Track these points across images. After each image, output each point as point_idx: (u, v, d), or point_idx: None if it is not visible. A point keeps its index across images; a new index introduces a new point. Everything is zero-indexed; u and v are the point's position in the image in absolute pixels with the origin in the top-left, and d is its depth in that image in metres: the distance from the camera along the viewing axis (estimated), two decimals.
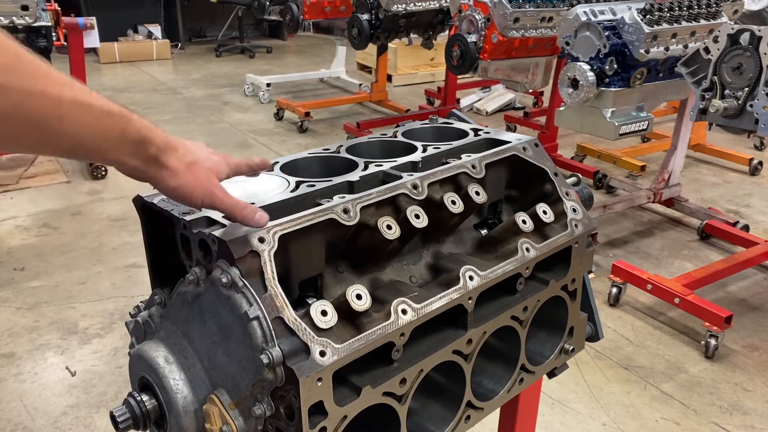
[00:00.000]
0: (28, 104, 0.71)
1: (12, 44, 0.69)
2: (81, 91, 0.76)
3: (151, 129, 0.85)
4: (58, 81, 0.74)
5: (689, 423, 2.37)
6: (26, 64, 0.70)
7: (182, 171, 0.87)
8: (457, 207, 1.07)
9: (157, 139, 0.85)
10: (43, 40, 3.79)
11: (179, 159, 0.87)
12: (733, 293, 3.20)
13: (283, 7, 4.94)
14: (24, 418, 2.36)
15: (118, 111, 0.81)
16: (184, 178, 0.87)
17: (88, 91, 0.78)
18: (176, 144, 0.88)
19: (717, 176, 4.69)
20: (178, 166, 0.87)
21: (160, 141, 0.85)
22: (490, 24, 3.34)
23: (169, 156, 0.86)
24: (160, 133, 0.86)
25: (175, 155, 0.87)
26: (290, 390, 0.85)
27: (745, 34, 2.46)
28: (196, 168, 0.89)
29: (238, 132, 5.57)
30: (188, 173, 0.87)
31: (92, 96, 0.78)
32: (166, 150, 0.86)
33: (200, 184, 0.88)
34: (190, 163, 0.88)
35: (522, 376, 1.20)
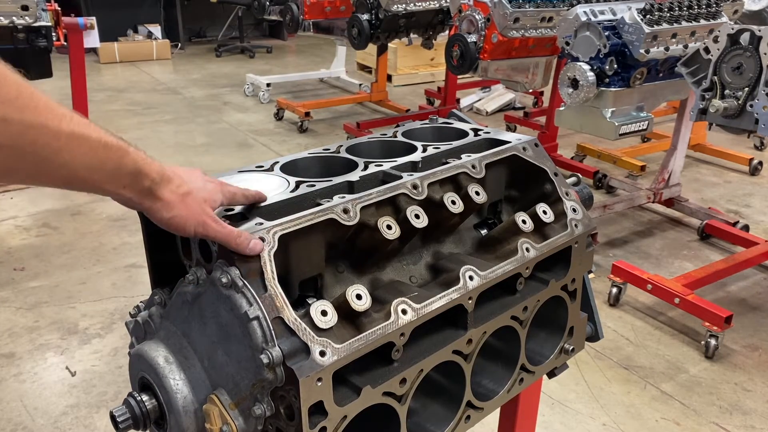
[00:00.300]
0: (28, 136, 0.72)
1: (14, 77, 0.71)
2: (79, 123, 0.77)
3: (147, 161, 0.86)
4: (58, 114, 0.75)
5: (689, 423, 2.37)
6: (27, 97, 0.72)
7: (176, 203, 0.88)
8: (457, 207, 1.07)
9: (152, 171, 0.86)
10: (43, 40, 3.79)
11: (173, 191, 0.88)
12: (733, 293, 3.20)
13: (283, 7, 4.94)
14: (24, 418, 2.36)
15: (116, 143, 0.82)
16: (178, 210, 0.88)
17: (87, 123, 0.79)
18: (170, 175, 0.89)
19: (717, 176, 4.69)
20: (172, 198, 0.88)
21: (155, 173, 0.86)
22: (490, 24, 3.34)
23: (163, 188, 0.87)
24: (155, 165, 0.87)
25: (169, 187, 0.88)
26: (290, 390, 0.85)
27: (745, 34, 2.46)
28: (190, 199, 0.90)
29: (238, 132, 5.57)
30: (181, 205, 0.89)
31: (90, 128, 0.79)
32: (161, 182, 0.87)
33: (193, 214, 0.89)
34: (184, 194, 0.89)
35: (522, 376, 1.20)
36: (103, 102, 6.38)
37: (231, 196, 0.97)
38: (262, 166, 1.16)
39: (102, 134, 0.80)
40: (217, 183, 0.97)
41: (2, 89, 0.69)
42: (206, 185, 0.94)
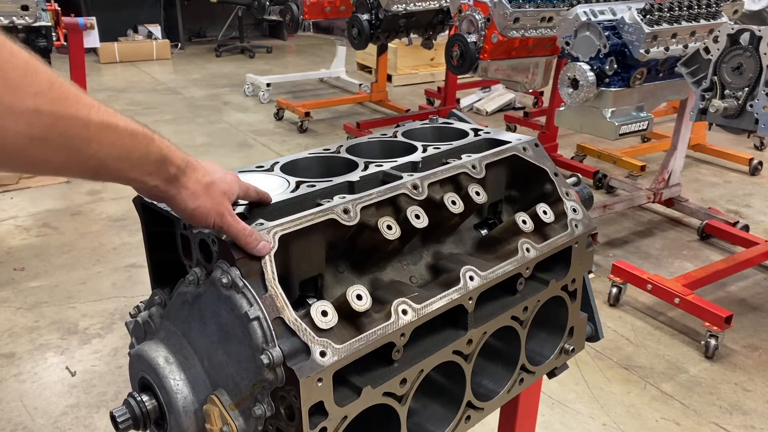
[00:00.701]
0: (59, 127, 0.72)
1: (45, 69, 0.71)
2: (107, 113, 0.78)
3: (172, 149, 0.86)
4: (86, 104, 0.75)
5: (689, 423, 2.37)
6: (58, 88, 0.72)
7: (200, 192, 0.88)
8: (457, 207, 1.07)
9: (177, 158, 0.86)
10: (43, 40, 3.79)
11: (198, 180, 0.88)
12: (733, 293, 3.20)
13: (283, 7, 4.94)
14: (24, 418, 2.36)
15: (142, 131, 0.82)
16: (202, 200, 0.88)
17: (113, 113, 0.79)
18: (195, 164, 0.89)
19: (717, 176, 4.69)
20: (197, 187, 0.88)
21: (180, 161, 0.86)
22: (490, 24, 3.34)
23: (189, 176, 0.87)
24: (180, 153, 0.87)
25: (195, 176, 0.88)
26: (290, 390, 0.85)
27: (745, 34, 2.46)
28: (213, 188, 0.89)
29: (238, 132, 5.57)
30: (206, 194, 0.88)
31: (117, 117, 0.80)
32: (186, 170, 0.87)
33: (215, 205, 0.89)
34: (208, 184, 0.89)
35: (522, 376, 1.20)
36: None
37: (245, 190, 0.97)
38: (262, 166, 1.16)
39: (129, 122, 0.81)
40: (234, 175, 0.97)
41: (35, 81, 0.69)
42: (225, 176, 0.94)
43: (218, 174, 0.93)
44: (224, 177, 0.94)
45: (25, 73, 0.68)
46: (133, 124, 0.81)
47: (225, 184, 0.92)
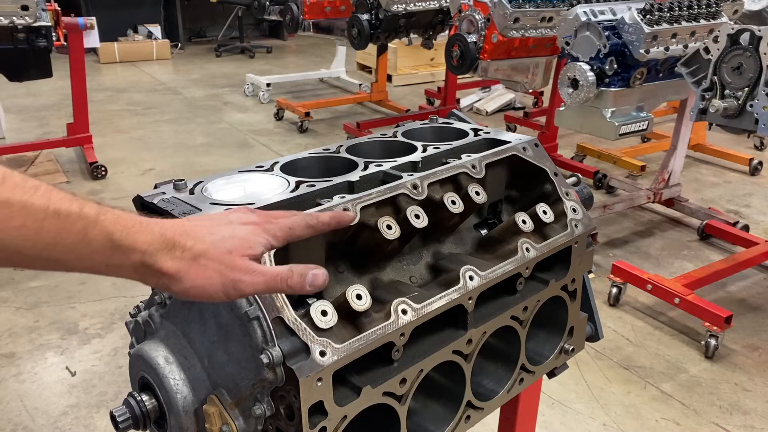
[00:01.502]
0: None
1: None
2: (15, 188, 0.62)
3: (132, 230, 0.68)
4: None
5: (689, 423, 2.37)
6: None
7: (185, 271, 0.70)
8: (457, 207, 1.07)
9: (139, 241, 0.68)
10: (43, 40, 3.79)
11: (178, 257, 0.70)
12: (733, 293, 3.20)
13: (283, 7, 4.94)
14: (24, 418, 2.36)
15: (76, 211, 0.65)
16: (190, 280, 0.71)
17: (30, 187, 0.63)
18: (175, 238, 0.70)
19: (717, 176, 4.69)
20: (179, 266, 0.70)
21: (145, 243, 0.68)
22: (490, 24, 3.34)
23: (163, 258, 0.69)
24: (147, 234, 0.69)
25: (173, 254, 0.70)
26: (290, 390, 0.85)
27: (745, 34, 2.46)
28: (205, 259, 0.71)
29: (238, 132, 5.57)
30: (193, 271, 0.70)
31: (35, 193, 0.63)
32: (156, 252, 0.69)
33: (214, 278, 0.71)
34: (194, 257, 0.71)
35: (522, 376, 1.20)
36: (103, 102, 6.38)
37: (284, 232, 0.76)
38: (262, 166, 1.16)
39: (54, 200, 0.64)
40: (261, 221, 0.76)
41: None
42: (236, 231, 0.74)
43: (219, 232, 0.73)
44: (232, 233, 0.73)
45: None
46: (63, 201, 0.65)
47: (232, 242, 0.72)
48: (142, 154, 4.99)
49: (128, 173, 4.62)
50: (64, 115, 5.58)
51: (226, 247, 0.72)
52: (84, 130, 4.66)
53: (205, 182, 1.08)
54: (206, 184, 1.07)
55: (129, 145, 5.20)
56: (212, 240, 0.72)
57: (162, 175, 4.52)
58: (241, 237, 0.73)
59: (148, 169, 4.71)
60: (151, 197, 1.01)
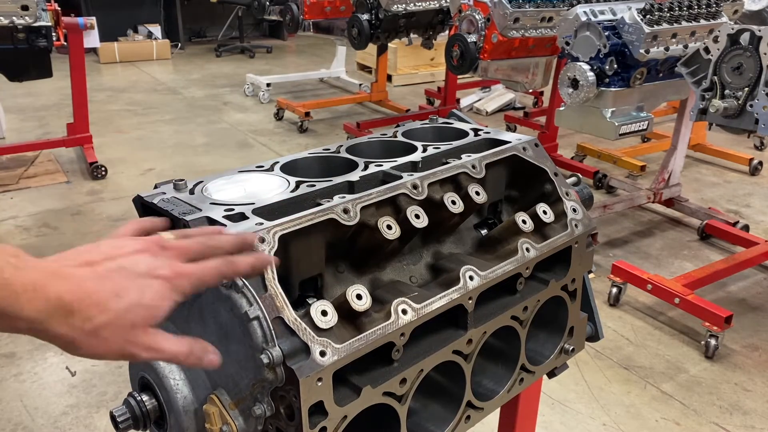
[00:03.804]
0: None
1: None
2: None
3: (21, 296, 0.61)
4: None
5: (689, 423, 2.37)
6: None
7: (82, 341, 0.65)
8: (457, 207, 1.07)
9: (28, 308, 0.61)
10: (43, 40, 3.79)
11: (77, 327, 0.64)
12: (733, 293, 3.20)
13: (283, 7, 4.94)
14: (24, 418, 2.36)
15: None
16: (87, 348, 0.65)
17: None
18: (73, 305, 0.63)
19: (717, 176, 4.69)
20: (75, 335, 0.64)
21: (35, 311, 0.62)
22: (490, 24, 3.34)
23: (55, 325, 0.63)
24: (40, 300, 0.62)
25: (69, 321, 0.63)
26: (290, 390, 0.85)
27: (745, 34, 2.46)
28: (108, 331, 0.65)
29: (238, 132, 5.57)
30: (92, 341, 0.65)
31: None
32: (50, 319, 0.63)
33: (112, 349, 0.66)
34: (95, 329, 0.65)
35: (522, 376, 1.20)
36: (103, 102, 6.38)
37: (196, 285, 0.71)
38: (262, 166, 1.15)
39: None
40: (171, 275, 0.69)
41: None
42: (144, 293, 0.67)
43: (125, 299, 0.66)
44: (140, 297, 0.67)
45: None
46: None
47: (138, 311, 0.66)
48: (142, 154, 4.99)
49: (128, 173, 4.62)
50: (64, 115, 5.58)
51: (129, 320, 0.66)
52: (84, 130, 4.66)
53: (205, 182, 1.08)
54: (206, 184, 1.07)
55: (129, 145, 5.20)
56: (116, 310, 0.66)
57: (162, 175, 4.52)
58: (147, 304, 0.67)
59: (148, 169, 4.71)
60: (151, 197, 1.01)
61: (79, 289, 0.64)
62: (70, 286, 0.64)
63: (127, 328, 0.66)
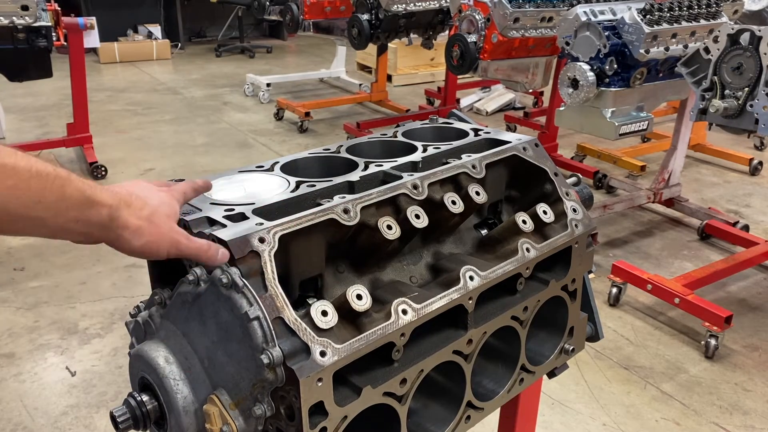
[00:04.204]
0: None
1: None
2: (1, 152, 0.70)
3: (96, 188, 0.78)
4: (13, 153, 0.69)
5: (689, 423, 2.37)
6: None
7: (145, 227, 0.81)
8: (457, 207, 1.07)
9: (106, 198, 0.78)
10: (43, 40, 3.79)
11: (137, 215, 0.81)
12: (733, 293, 3.20)
13: (283, 7, 4.94)
14: (24, 418, 2.36)
15: (52, 172, 0.74)
16: (149, 235, 0.82)
17: (12, 152, 0.71)
18: (129, 198, 0.82)
19: (717, 176, 4.69)
20: (139, 223, 0.81)
21: (110, 199, 0.79)
22: (490, 24, 3.34)
23: (126, 214, 0.80)
24: (107, 192, 0.79)
25: (131, 211, 0.81)
26: (290, 390, 0.85)
27: (745, 34, 2.46)
28: (157, 218, 0.83)
29: (238, 132, 5.57)
30: (151, 227, 0.82)
31: (17, 157, 0.71)
32: (119, 208, 0.80)
33: (164, 235, 0.83)
34: (149, 215, 0.82)
35: (522, 376, 1.20)
36: (103, 102, 6.38)
37: (182, 196, 0.93)
38: (262, 166, 1.16)
39: (34, 163, 0.72)
40: (166, 189, 0.91)
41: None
42: (161, 197, 0.87)
43: (155, 198, 0.86)
44: (161, 200, 0.87)
45: None
46: (39, 164, 0.73)
47: (166, 207, 0.86)
48: (142, 154, 4.99)
49: (128, 173, 4.62)
50: (64, 115, 5.58)
51: (165, 212, 0.85)
52: (84, 130, 4.66)
53: None
54: None
55: (129, 145, 5.20)
56: (153, 205, 0.85)
57: (162, 175, 4.52)
58: (168, 203, 0.87)
59: (148, 169, 4.71)
60: None
61: (128, 192, 0.84)
62: (122, 191, 0.83)
63: (166, 217, 0.85)
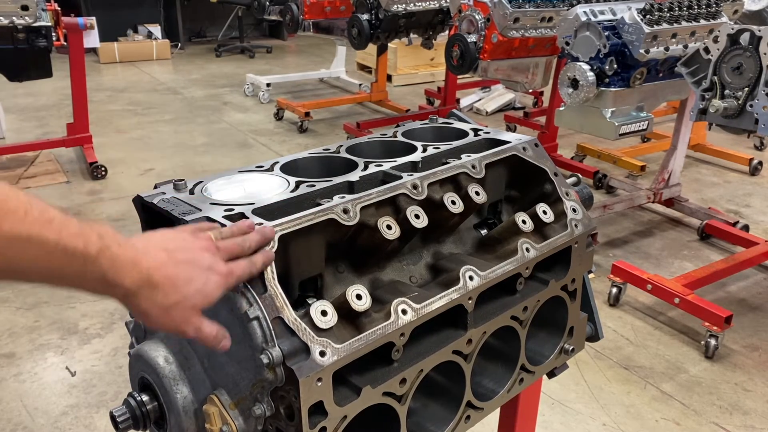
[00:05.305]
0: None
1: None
2: (33, 223, 0.69)
3: (122, 268, 0.76)
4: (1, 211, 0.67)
5: (689, 423, 2.37)
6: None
7: (158, 316, 0.80)
8: (457, 207, 1.07)
9: (128, 281, 0.77)
10: (43, 40, 3.79)
11: (157, 302, 0.79)
12: (733, 293, 3.20)
13: (283, 7, 4.93)
14: (24, 418, 2.36)
15: (79, 248, 0.72)
16: (157, 321, 0.81)
17: (42, 222, 0.70)
18: (157, 278, 0.78)
19: (717, 176, 4.69)
20: (153, 310, 0.80)
21: (132, 282, 0.77)
22: (490, 24, 3.34)
23: (143, 297, 0.78)
24: (134, 271, 0.77)
25: (153, 294, 0.79)
26: (290, 390, 0.85)
27: (745, 34, 2.46)
28: (177, 311, 0.81)
29: (238, 132, 5.57)
30: (165, 317, 0.80)
31: (51, 227, 0.70)
32: (140, 290, 0.78)
33: (171, 324, 0.82)
34: (171, 305, 0.80)
35: (522, 376, 1.20)
36: (103, 102, 6.38)
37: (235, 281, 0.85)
38: (262, 166, 1.16)
39: (63, 235, 0.71)
40: (225, 273, 0.83)
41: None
42: (208, 283, 0.82)
43: (195, 282, 0.81)
44: (205, 286, 0.81)
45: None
46: (68, 237, 0.72)
47: (199, 298, 0.81)
48: (142, 154, 4.99)
49: (128, 173, 4.62)
50: (64, 115, 5.58)
51: (192, 302, 0.81)
52: (84, 130, 4.66)
53: (205, 182, 1.08)
54: (206, 184, 1.07)
55: (129, 145, 5.20)
56: (186, 293, 0.81)
57: (162, 175, 4.52)
58: (206, 293, 0.82)
59: (148, 169, 4.71)
60: (151, 197, 1.01)
61: (163, 269, 0.80)
62: (157, 265, 0.79)
63: (189, 309, 0.81)
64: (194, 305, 0.81)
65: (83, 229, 0.74)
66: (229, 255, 0.85)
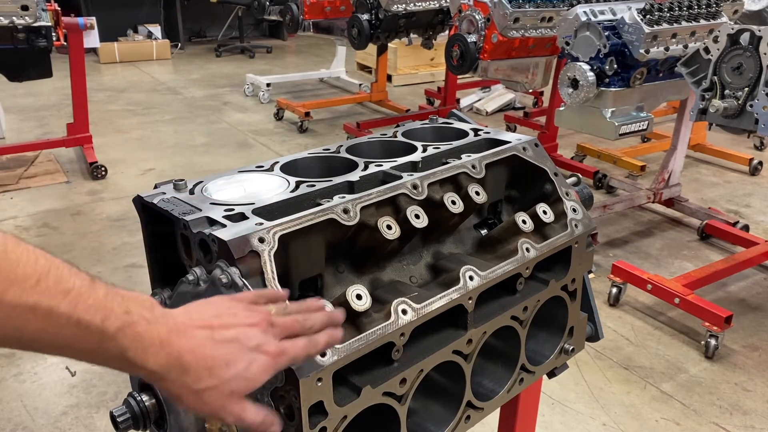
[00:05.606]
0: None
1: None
2: (44, 293, 0.63)
3: (148, 349, 0.68)
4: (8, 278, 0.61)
5: (689, 423, 2.37)
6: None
7: (187, 398, 0.71)
8: (457, 207, 1.07)
9: (152, 362, 0.68)
10: (43, 40, 3.79)
11: (187, 386, 0.70)
12: (733, 293, 3.20)
13: (283, 7, 4.94)
14: (24, 418, 2.36)
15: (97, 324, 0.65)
16: (188, 405, 0.72)
17: (61, 292, 0.64)
18: (192, 363, 0.69)
19: (717, 176, 4.69)
20: (183, 394, 0.71)
21: (156, 365, 0.68)
22: (490, 24, 3.34)
23: (170, 379, 0.69)
24: (165, 354, 0.68)
25: (182, 379, 0.69)
26: (290, 390, 0.85)
27: (745, 34, 2.46)
28: (209, 396, 0.71)
29: (238, 132, 5.57)
30: (195, 401, 0.71)
31: (65, 299, 0.64)
32: (169, 373, 0.69)
33: (206, 409, 0.72)
34: (203, 390, 0.70)
35: (522, 376, 1.20)
36: (103, 102, 6.38)
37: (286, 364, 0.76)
38: (262, 166, 1.16)
39: (79, 308, 0.64)
40: (275, 352, 0.74)
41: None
42: (251, 365, 0.72)
43: (237, 365, 0.71)
44: (247, 370, 0.72)
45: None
46: (88, 312, 0.65)
47: (241, 383, 0.72)
48: (142, 154, 4.99)
49: (128, 173, 4.62)
50: (64, 115, 5.58)
51: (231, 388, 0.72)
52: (84, 130, 4.66)
53: (205, 182, 1.08)
54: (206, 184, 1.07)
55: (129, 145, 5.20)
56: (223, 378, 0.71)
57: (162, 175, 4.52)
58: (249, 377, 0.73)
59: (148, 169, 4.71)
60: (151, 197, 1.01)
61: (198, 351, 0.70)
62: (191, 346, 0.70)
63: (226, 395, 0.72)
64: (233, 390, 0.72)
65: (107, 303, 0.67)
66: (286, 333, 0.77)
